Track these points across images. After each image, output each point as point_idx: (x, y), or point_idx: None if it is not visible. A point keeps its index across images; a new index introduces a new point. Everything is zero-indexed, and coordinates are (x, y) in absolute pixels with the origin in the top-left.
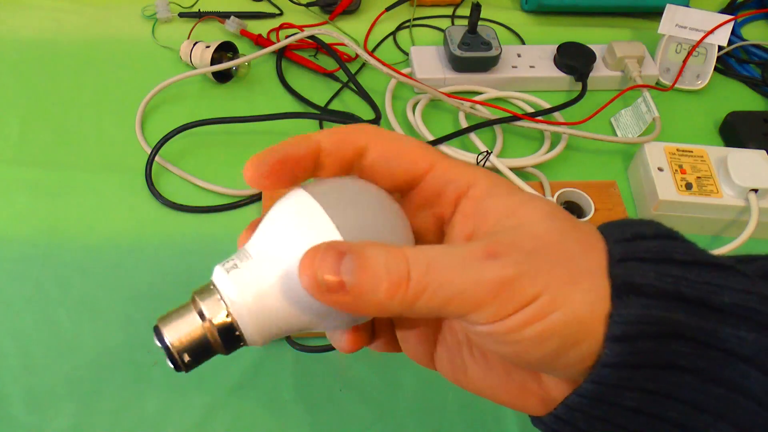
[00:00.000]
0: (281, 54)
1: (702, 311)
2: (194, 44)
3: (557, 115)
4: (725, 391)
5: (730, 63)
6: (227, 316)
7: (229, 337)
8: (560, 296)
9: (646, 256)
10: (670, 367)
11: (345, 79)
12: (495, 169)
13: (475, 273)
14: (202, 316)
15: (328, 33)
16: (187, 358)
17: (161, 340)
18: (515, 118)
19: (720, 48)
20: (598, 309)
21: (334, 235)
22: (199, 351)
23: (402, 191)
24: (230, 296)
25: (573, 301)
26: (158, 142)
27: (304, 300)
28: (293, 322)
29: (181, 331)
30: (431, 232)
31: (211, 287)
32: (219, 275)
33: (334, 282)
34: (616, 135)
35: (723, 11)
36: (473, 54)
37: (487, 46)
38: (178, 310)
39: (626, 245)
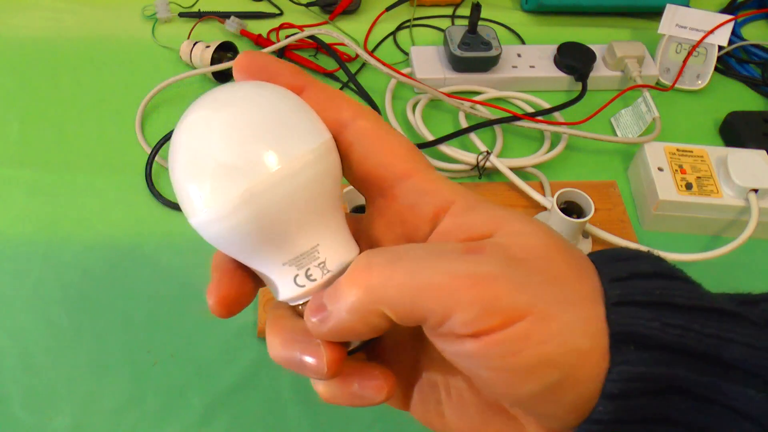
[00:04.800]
0: (281, 54)
1: (707, 366)
2: (194, 44)
3: (557, 115)
4: None
5: (730, 63)
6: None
7: None
8: (557, 317)
9: (645, 300)
10: (666, 421)
11: (345, 79)
12: (495, 169)
13: (451, 264)
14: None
15: (328, 33)
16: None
17: None
18: (515, 118)
19: (720, 48)
20: (600, 344)
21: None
22: None
23: (371, 193)
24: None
25: (573, 329)
26: (158, 142)
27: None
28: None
29: None
30: None
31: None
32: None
33: (318, 311)
34: (616, 135)
35: (723, 11)
36: (473, 54)
37: (487, 46)
38: None
39: (623, 285)
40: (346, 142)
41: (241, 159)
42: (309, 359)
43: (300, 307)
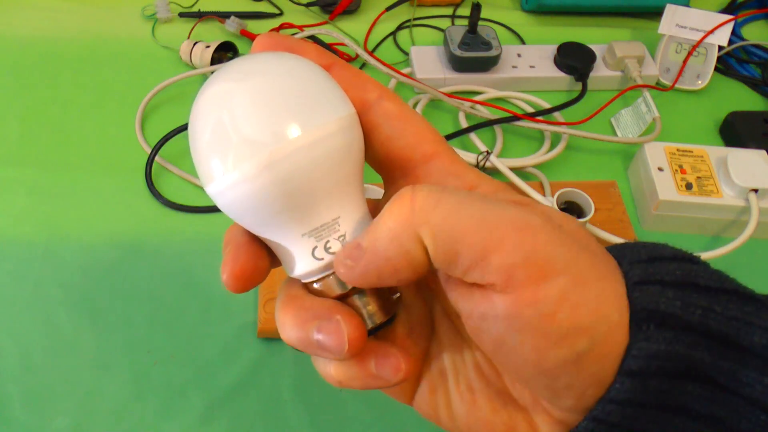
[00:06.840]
0: None
1: (726, 350)
2: (194, 44)
3: (557, 115)
4: None
5: (730, 63)
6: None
7: None
8: (592, 284)
9: (667, 279)
10: (682, 411)
11: None
12: (495, 169)
13: (498, 207)
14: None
15: (328, 33)
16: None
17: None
18: (515, 118)
19: (720, 48)
20: (624, 321)
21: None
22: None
23: (392, 174)
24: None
25: (606, 298)
26: (158, 142)
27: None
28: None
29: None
30: None
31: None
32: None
33: (353, 250)
34: (616, 135)
35: (723, 11)
36: (473, 54)
37: (487, 46)
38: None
39: (644, 266)
40: (371, 123)
41: (267, 124)
42: (327, 337)
43: (314, 284)
